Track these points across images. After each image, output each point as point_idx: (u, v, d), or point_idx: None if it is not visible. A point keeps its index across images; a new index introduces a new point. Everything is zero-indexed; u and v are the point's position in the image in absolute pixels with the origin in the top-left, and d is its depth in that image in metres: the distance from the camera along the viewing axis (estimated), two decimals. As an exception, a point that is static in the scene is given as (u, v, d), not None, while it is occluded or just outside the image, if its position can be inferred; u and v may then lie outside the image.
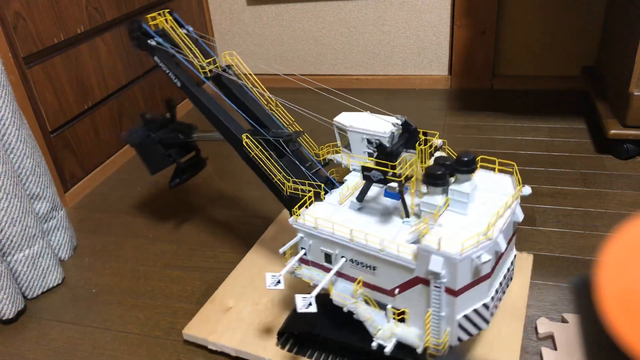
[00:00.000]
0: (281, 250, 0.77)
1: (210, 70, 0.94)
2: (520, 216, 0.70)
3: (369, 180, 0.71)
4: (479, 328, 0.69)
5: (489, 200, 0.70)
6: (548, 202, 1.20)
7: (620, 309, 0.19)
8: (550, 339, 0.85)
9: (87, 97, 1.45)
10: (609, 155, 1.37)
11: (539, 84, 1.82)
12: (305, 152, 0.89)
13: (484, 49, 1.80)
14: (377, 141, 0.76)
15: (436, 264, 0.62)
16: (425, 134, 0.74)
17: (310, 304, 0.70)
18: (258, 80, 0.94)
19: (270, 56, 2.08)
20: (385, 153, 0.69)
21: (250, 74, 0.95)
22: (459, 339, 0.68)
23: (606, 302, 0.19)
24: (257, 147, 0.85)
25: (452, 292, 0.64)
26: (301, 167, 0.85)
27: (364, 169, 0.70)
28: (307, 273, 0.79)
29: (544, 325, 0.86)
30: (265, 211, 1.28)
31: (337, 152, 0.86)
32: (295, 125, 0.91)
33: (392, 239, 0.68)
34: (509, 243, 0.70)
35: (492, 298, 0.68)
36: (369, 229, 0.71)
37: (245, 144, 0.86)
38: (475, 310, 0.67)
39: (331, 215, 0.75)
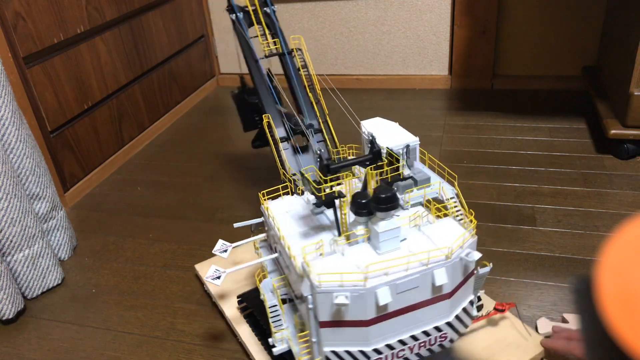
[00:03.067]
0: (235, 225, 0.81)
1: (270, 51, 1.03)
2: (471, 267, 0.65)
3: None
4: None
5: (418, 248, 0.64)
6: (548, 202, 1.20)
7: (621, 309, 0.19)
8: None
9: (87, 97, 1.45)
10: (609, 155, 1.37)
11: (539, 84, 1.82)
12: (314, 146, 0.92)
13: (484, 49, 1.80)
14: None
15: (305, 287, 0.62)
16: (391, 155, 0.72)
17: (225, 251, 0.76)
18: (313, 71, 1.01)
19: (270, 56, 2.08)
20: (320, 166, 0.69)
21: (308, 63, 1.02)
22: None
23: (606, 302, 0.19)
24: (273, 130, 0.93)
25: (318, 322, 0.63)
26: (300, 158, 0.89)
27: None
28: (263, 253, 0.85)
29: (544, 325, 0.86)
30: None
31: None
32: (327, 120, 0.95)
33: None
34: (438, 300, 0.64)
35: (383, 350, 0.65)
36: (302, 235, 0.72)
37: (265, 124, 0.94)
38: (350, 353, 0.65)
39: (287, 212, 0.79)
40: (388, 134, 0.78)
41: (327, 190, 0.66)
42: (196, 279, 1.08)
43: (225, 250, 0.78)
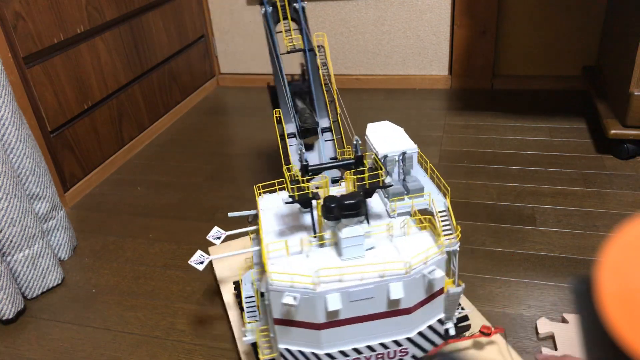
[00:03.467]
0: (230, 214, 0.81)
1: (292, 47, 1.05)
2: (436, 285, 0.64)
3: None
4: None
5: (382, 259, 0.64)
6: (548, 202, 1.20)
7: (621, 309, 0.19)
8: (550, 339, 0.85)
9: (87, 97, 1.45)
10: (609, 155, 1.37)
11: (539, 84, 1.82)
12: (320, 146, 0.93)
13: (484, 49, 1.80)
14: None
15: (263, 284, 0.63)
16: (374, 168, 0.71)
17: (218, 237, 0.75)
18: (331, 70, 1.03)
19: (270, 56, 2.08)
20: (300, 166, 0.70)
21: (327, 62, 1.05)
22: None
23: (606, 302, 0.19)
24: (282, 125, 0.95)
25: (273, 318, 0.64)
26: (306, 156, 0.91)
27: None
28: (253, 244, 0.85)
29: (544, 325, 0.86)
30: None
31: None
32: (338, 120, 0.96)
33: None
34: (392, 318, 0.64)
35: (337, 356, 0.65)
36: (280, 232, 0.73)
37: (275, 118, 0.96)
38: (303, 354, 0.65)
39: (277, 207, 0.79)
40: (388, 139, 0.78)
41: (309, 190, 0.67)
42: (196, 279, 1.08)
43: (219, 237, 0.79)
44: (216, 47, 2.14)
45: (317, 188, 0.69)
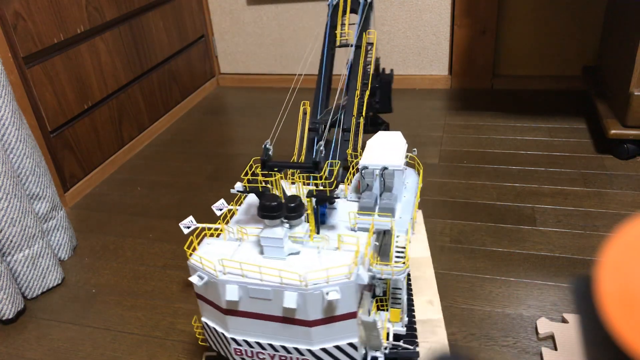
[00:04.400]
0: (233, 190, 0.81)
1: (341, 41, 1.08)
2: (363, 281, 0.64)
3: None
4: None
5: (296, 266, 0.66)
6: (548, 202, 1.20)
7: (621, 309, 0.19)
8: (550, 339, 0.85)
9: (87, 97, 1.45)
10: (609, 155, 1.37)
11: (539, 84, 1.82)
12: (331, 146, 0.93)
13: (484, 49, 1.80)
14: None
15: (196, 278, 0.67)
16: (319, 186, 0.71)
17: (188, 227, 0.76)
18: (372, 69, 1.04)
19: (270, 56, 2.08)
20: (261, 160, 0.73)
21: (371, 60, 1.05)
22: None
23: (606, 302, 0.19)
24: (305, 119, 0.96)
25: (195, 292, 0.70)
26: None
27: None
28: None
29: (544, 325, 0.86)
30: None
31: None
32: (360, 121, 0.96)
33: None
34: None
35: (242, 344, 0.69)
36: (249, 220, 0.75)
37: (302, 111, 0.97)
38: (216, 331, 0.70)
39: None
40: (382, 150, 0.76)
41: (259, 184, 0.69)
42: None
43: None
44: (216, 47, 2.14)
45: (267, 183, 0.71)
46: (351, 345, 0.67)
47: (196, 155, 1.60)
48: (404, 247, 0.68)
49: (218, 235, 0.73)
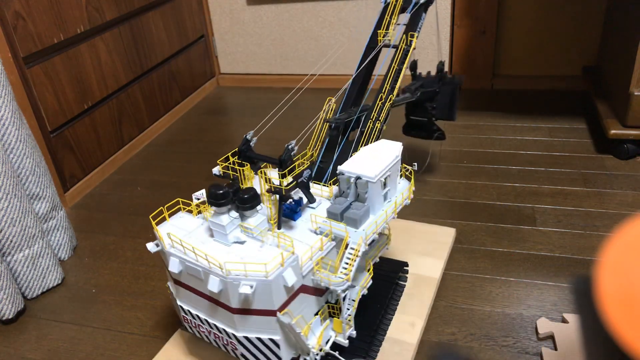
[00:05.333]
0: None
1: (382, 41, 1.04)
2: (289, 281, 0.66)
3: None
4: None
5: (234, 254, 0.69)
6: (548, 202, 1.20)
7: (621, 309, 0.19)
8: (550, 339, 0.85)
9: (87, 97, 1.45)
10: (609, 155, 1.37)
11: (539, 84, 1.82)
12: (341, 145, 0.93)
13: (484, 49, 1.80)
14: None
15: (152, 245, 0.75)
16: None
17: (198, 199, 0.78)
18: (403, 72, 1.02)
19: (270, 56, 2.08)
20: (238, 149, 0.79)
21: (405, 62, 1.02)
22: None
23: (606, 302, 0.19)
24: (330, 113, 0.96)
25: None
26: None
27: None
28: None
29: (544, 325, 0.86)
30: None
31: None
32: (376, 126, 0.94)
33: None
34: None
35: (187, 314, 0.76)
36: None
37: (327, 104, 0.95)
38: (182, 308, 0.76)
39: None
40: (365, 159, 0.75)
41: (231, 172, 0.75)
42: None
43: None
44: (216, 47, 2.14)
45: (231, 176, 0.76)
46: (273, 341, 0.69)
47: (196, 155, 1.60)
48: (350, 260, 0.68)
49: (199, 213, 0.78)
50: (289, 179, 0.70)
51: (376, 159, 0.75)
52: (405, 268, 0.96)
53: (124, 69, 1.60)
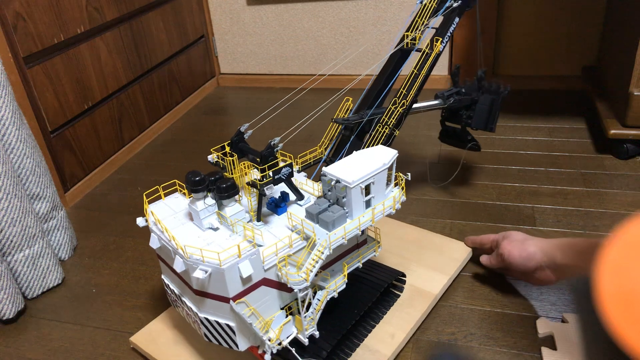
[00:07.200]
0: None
1: (407, 44, 1.02)
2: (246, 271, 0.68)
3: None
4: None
5: (211, 237, 0.72)
6: (548, 202, 1.20)
7: (620, 309, 0.19)
8: (550, 339, 0.85)
9: (87, 97, 1.45)
10: (609, 155, 1.37)
11: (539, 84, 1.82)
12: (347, 145, 0.93)
13: (484, 49, 1.80)
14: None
15: (141, 220, 0.80)
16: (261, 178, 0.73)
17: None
18: (421, 77, 1.00)
19: (270, 56, 2.08)
20: (231, 140, 0.82)
21: (424, 67, 1.00)
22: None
23: (606, 302, 0.19)
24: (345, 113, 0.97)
25: None
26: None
27: None
28: None
29: (544, 325, 0.86)
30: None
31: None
32: (382, 130, 0.93)
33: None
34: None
35: (166, 287, 0.82)
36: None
37: (343, 104, 0.95)
38: (164, 280, 0.82)
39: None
40: (350, 163, 0.74)
41: (222, 161, 0.79)
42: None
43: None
44: (216, 47, 2.14)
45: (220, 166, 0.79)
46: (229, 327, 0.71)
47: (196, 155, 1.60)
48: (312, 261, 0.68)
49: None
50: (269, 174, 0.71)
51: (362, 164, 0.74)
52: (402, 278, 0.94)
53: (124, 69, 1.60)
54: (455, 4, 1.01)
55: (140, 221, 0.79)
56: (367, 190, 0.73)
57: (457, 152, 1.45)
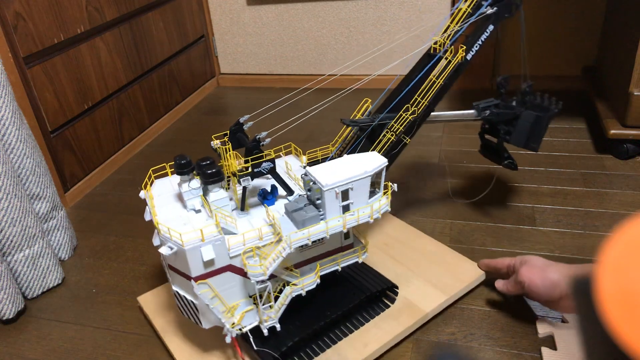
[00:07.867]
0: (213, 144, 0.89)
1: (433, 49, 0.99)
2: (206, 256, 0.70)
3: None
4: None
5: (193, 218, 0.75)
6: (548, 202, 1.20)
7: (620, 309, 0.19)
8: (550, 339, 0.85)
9: (87, 97, 1.45)
10: (609, 155, 1.37)
11: (539, 84, 1.82)
12: (352, 146, 0.93)
13: (484, 49, 1.80)
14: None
15: (143, 193, 0.85)
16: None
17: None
18: (436, 86, 0.97)
19: (270, 56, 2.08)
20: (230, 130, 0.86)
21: (442, 75, 0.98)
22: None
23: (606, 302, 0.19)
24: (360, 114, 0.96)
25: None
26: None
27: None
28: None
29: (544, 325, 0.86)
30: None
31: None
32: (388, 136, 0.91)
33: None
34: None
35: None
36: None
37: (362, 105, 0.95)
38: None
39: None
40: (335, 166, 0.73)
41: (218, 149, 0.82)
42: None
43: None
44: (216, 47, 2.14)
45: (217, 153, 0.82)
46: (194, 304, 0.75)
47: (196, 155, 1.60)
48: (274, 257, 0.70)
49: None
50: (249, 167, 0.74)
51: (345, 169, 0.73)
52: (395, 289, 0.92)
53: (124, 69, 1.60)
54: (489, 11, 0.94)
55: (141, 194, 0.84)
56: (346, 195, 0.72)
57: (457, 152, 1.45)
